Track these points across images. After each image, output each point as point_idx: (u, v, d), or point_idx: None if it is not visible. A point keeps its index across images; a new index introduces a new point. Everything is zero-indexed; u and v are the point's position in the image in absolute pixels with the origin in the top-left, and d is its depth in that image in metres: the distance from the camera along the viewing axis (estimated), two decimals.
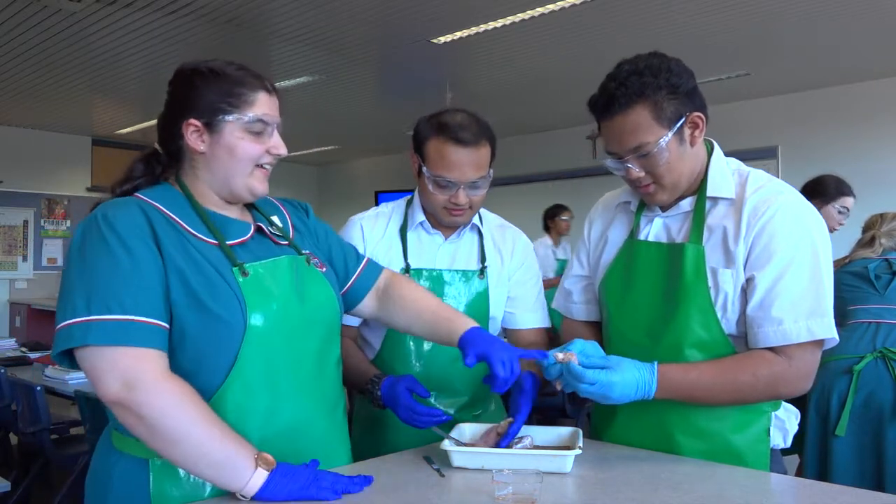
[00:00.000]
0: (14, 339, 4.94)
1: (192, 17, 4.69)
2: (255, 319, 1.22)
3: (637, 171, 1.44)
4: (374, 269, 1.58)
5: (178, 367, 1.19)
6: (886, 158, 6.23)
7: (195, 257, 1.22)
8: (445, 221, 1.75)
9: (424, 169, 1.69)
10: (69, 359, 1.15)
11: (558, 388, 1.37)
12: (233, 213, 1.34)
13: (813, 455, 2.61)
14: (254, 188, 1.31)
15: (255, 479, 1.13)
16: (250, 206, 1.40)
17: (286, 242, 1.38)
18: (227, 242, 1.27)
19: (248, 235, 1.31)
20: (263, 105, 1.28)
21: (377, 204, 1.96)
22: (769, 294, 1.38)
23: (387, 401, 1.56)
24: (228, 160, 1.27)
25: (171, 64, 6.25)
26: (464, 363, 1.36)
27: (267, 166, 1.32)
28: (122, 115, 7.70)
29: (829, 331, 1.37)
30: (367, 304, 1.55)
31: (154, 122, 1.35)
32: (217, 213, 1.31)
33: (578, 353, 1.36)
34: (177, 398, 1.12)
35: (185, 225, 1.25)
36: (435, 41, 5.22)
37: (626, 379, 1.35)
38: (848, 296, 2.74)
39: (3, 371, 3.63)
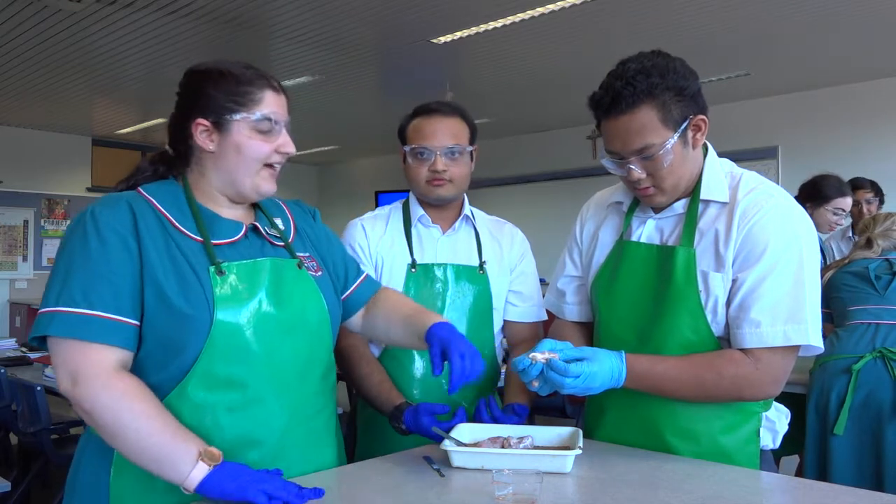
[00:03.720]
0: (14, 340, 4.93)
1: (193, 17, 4.70)
2: (222, 318, 1.21)
3: (638, 173, 1.42)
4: (372, 284, 1.58)
5: (144, 359, 1.21)
6: (887, 159, 6.23)
7: (174, 253, 1.23)
8: (430, 197, 1.80)
9: (405, 147, 1.80)
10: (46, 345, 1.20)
11: (535, 385, 1.36)
12: (235, 213, 1.34)
13: (812, 455, 2.60)
14: (260, 187, 1.32)
15: (196, 472, 1.12)
16: (255, 207, 1.40)
17: (282, 244, 1.37)
18: (214, 241, 1.27)
19: (239, 236, 1.31)
20: (271, 103, 1.30)
21: (377, 204, 1.99)
22: (750, 295, 1.37)
23: (413, 430, 1.59)
24: (236, 159, 1.28)
25: (171, 64, 6.26)
26: (429, 353, 1.34)
27: (276, 165, 1.33)
28: (122, 115, 7.65)
29: (805, 337, 1.35)
30: (356, 319, 1.56)
31: (154, 122, 1.36)
32: (210, 212, 1.31)
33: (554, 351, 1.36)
34: (118, 394, 1.14)
35: (173, 220, 1.26)
36: (435, 41, 5.22)
37: (603, 368, 1.35)
38: (847, 296, 2.73)
39: (3, 371, 3.62)
